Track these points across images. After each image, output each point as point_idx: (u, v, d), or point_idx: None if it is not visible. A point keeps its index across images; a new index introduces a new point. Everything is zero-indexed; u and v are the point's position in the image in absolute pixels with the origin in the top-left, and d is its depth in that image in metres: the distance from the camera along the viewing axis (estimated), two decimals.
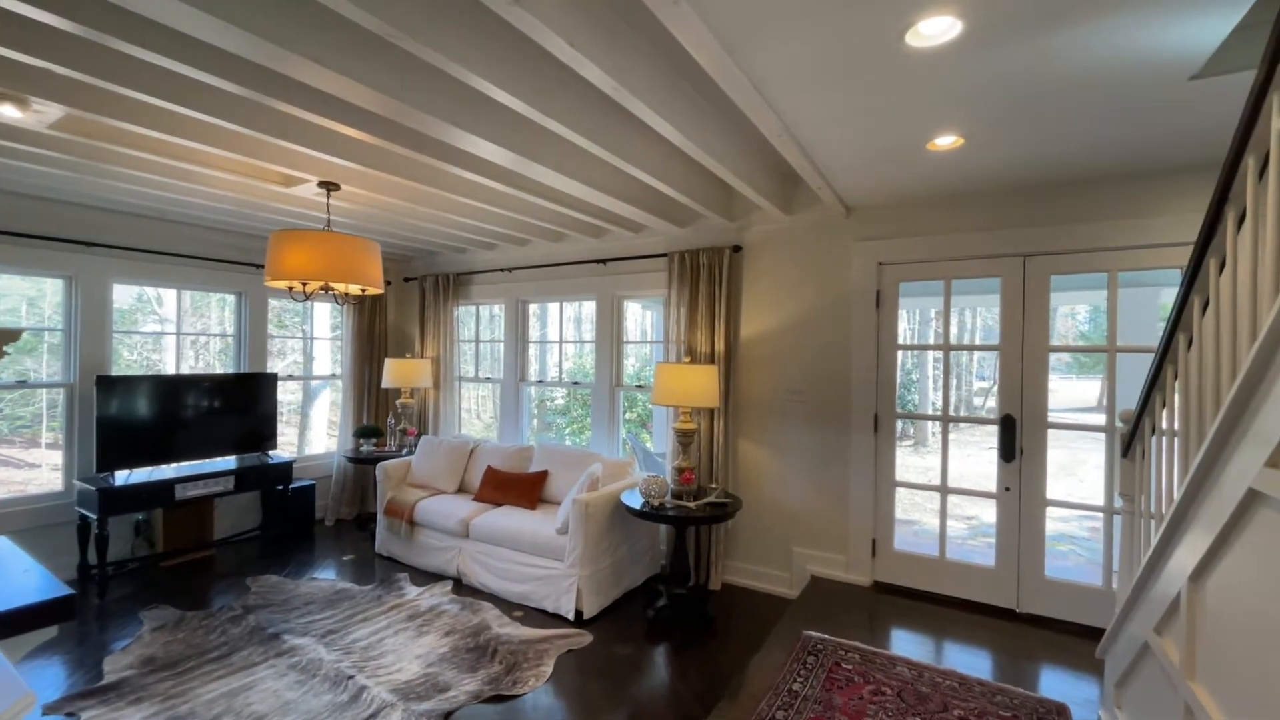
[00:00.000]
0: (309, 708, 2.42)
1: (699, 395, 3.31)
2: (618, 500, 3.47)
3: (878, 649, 2.69)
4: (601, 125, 2.44)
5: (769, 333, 3.76)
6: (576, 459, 4.02)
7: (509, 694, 2.57)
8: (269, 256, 2.90)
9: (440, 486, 4.30)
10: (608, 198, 3.16)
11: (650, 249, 4.21)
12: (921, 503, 7.15)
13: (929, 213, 3.32)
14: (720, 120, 2.63)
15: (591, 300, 4.59)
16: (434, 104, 2.13)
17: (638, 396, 6.95)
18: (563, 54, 1.75)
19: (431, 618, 3.25)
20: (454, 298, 5.17)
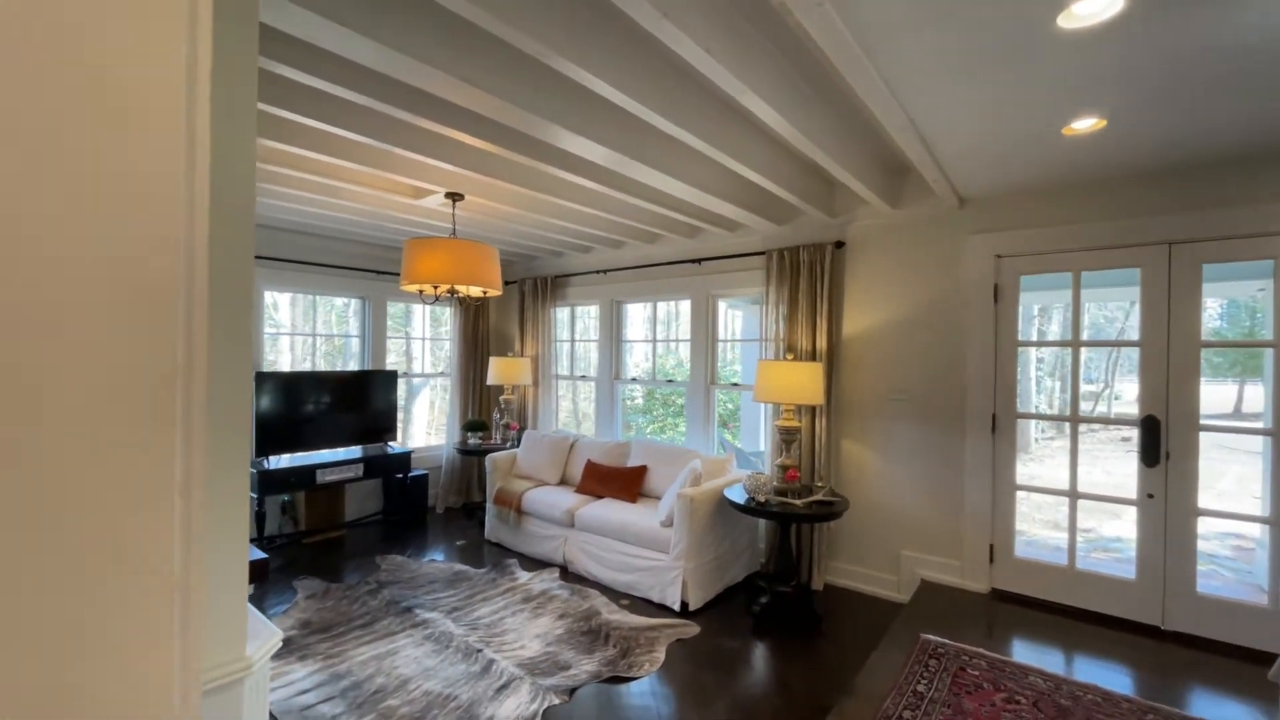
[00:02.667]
0: (447, 675, 2.64)
1: (803, 392, 3.29)
2: (721, 495, 3.51)
3: (1004, 657, 2.58)
4: (710, 122, 2.49)
5: (873, 330, 3.68)
6: (674, 455, 4.10)
7: (626, 676, 2.68)
8: (405, 262, 3.18)
9: (544, 478, 4.52)
10: (708, 196, 3.21)
11: (747, 247, 4.23)
12: (1028, 513, 6.69)
13: (1055, 201, 3.14)
14: (833, 117, 2.63)
15: (683, 300, 4.67)
16: (550, 108, 2.25)
17: (717, 394, 6.96)
18: (700, 62, 1.83)
19: (544, 601, 3.44)
20: (551, 299, 5.41)
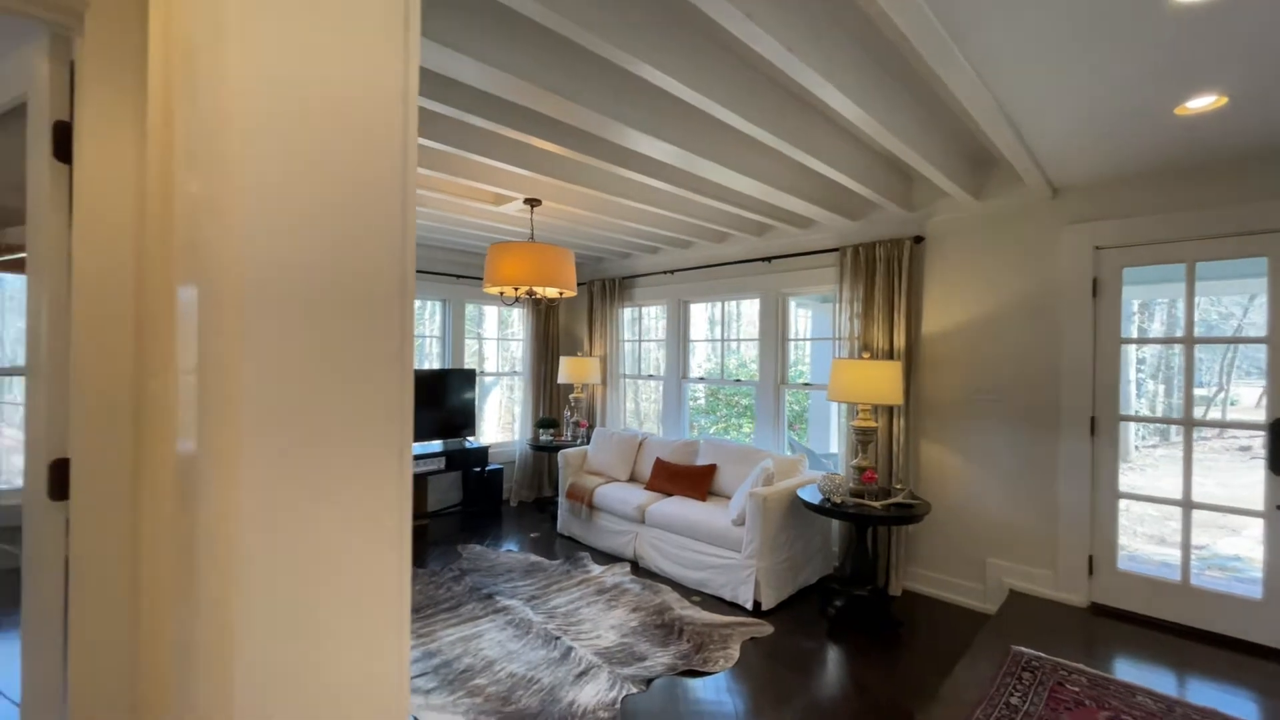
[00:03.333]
0: (529, 659, 2.76)
1: (880, 392, 3.21)
2: (793, 496, 3.48)
3: (1106, 674, 2.42)
4: (782, 117, 2.47)
5: (956, 327, 3.53)
6: (744, 455, 4.09)
7: (700, 670, 2.71)
8: (489, 266, 3.35)
9: (614, 475, 4.62)
10: (779, 193, 3.19)
11: (819, 244, 4.16)
12: (1128, 525, 6.17)
13: (1165, 187, 2.91)
14: (913, 107, 2.55)
15: (750, 299, 4.64)
16: (626, 111, 2.31)
17: (786, 395, 6.84)
18: (779, 58, 1.84)
19: (617, 594, 3.52)
20: (619, 300, 5.52)
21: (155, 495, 0.79)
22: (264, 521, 0.42)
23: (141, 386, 1.10)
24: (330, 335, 0.46)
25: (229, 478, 0.42)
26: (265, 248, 0.43)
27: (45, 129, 1.14)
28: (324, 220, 0.46)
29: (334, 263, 0.46)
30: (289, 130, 0.44)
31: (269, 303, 0.43)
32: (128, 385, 1.13)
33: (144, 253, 0.99)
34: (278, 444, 0.44)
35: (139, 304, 1.12)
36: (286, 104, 0.44)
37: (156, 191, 0.77)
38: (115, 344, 1.13)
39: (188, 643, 0.46)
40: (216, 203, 0.42)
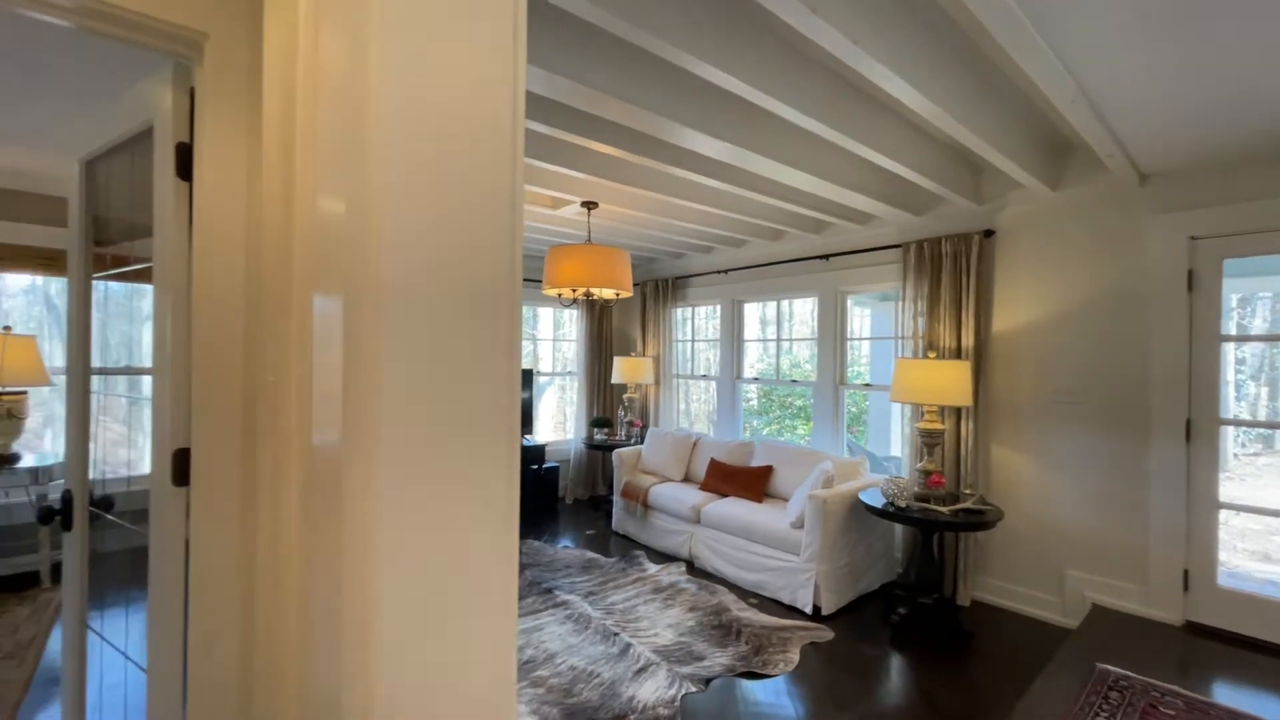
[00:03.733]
0: (589, 653, 2.81)
1: (947, 393, 3.09)
2: (855, 499, 3.39)
3: (1206, 698, 2.24)
4: (843, 110, 2.41)
5: (1030, 325, 3.35)
6: (801, 456, 4.02)
7: (760, 673, 2.68)
8: (548, 268, 3.44)
9: (668, 474, 4.64)
10: (838, 188, 3.11)
11: (880, 240, 4.04)
12: (1227, 540, 5.68)
13: (1270, 170, 2.66)
14: (984, 95, 2.45)
15: (807, 298, 4.56)
16: (683, 111, 2.30)
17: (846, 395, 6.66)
18: (844, 52, 1.81)
19: (673, 593, 3.53)
20: (672, 300, 5.53)
21: (276, 481, 0.86)
22: (397, 502, 0.46)
23: (251, 383, 1.20)
24: (451, 333, 0.50)
25: (368, 464, 0.46)
26: (400, 256, 0.47)
27: (169, 150, 1.26)
28: (446, 228, 0.50)
29: (454, 267, 0.50)
30: (419, 147, 0.48)
31: (402, 306, 0.47)
32: (239, 382, 1.23)
33: (258, 261, 1.08)
34: (408, 434, 0.48)
35: (248, 308, 1.22)
36: (418, 124, 0.48)
37: (276, 205, 0.84)
38: (227, 345, 1.23)
39: (333, 616, 0.51)
40: (359, 219, 0.47)
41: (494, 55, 0.49)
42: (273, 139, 0.92)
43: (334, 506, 0.52)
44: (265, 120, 0.96)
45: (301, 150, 0.70)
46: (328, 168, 0.54)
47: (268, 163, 0.96)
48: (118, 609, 1.67)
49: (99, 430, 1.70)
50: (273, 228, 0.90)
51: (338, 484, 0.50)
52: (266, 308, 0.97)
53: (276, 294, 0.85)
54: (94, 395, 1.69)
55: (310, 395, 0.63)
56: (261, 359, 1.08)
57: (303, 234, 0.70)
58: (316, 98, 0.61)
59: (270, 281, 0.92)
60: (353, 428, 0.47)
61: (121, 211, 1.60)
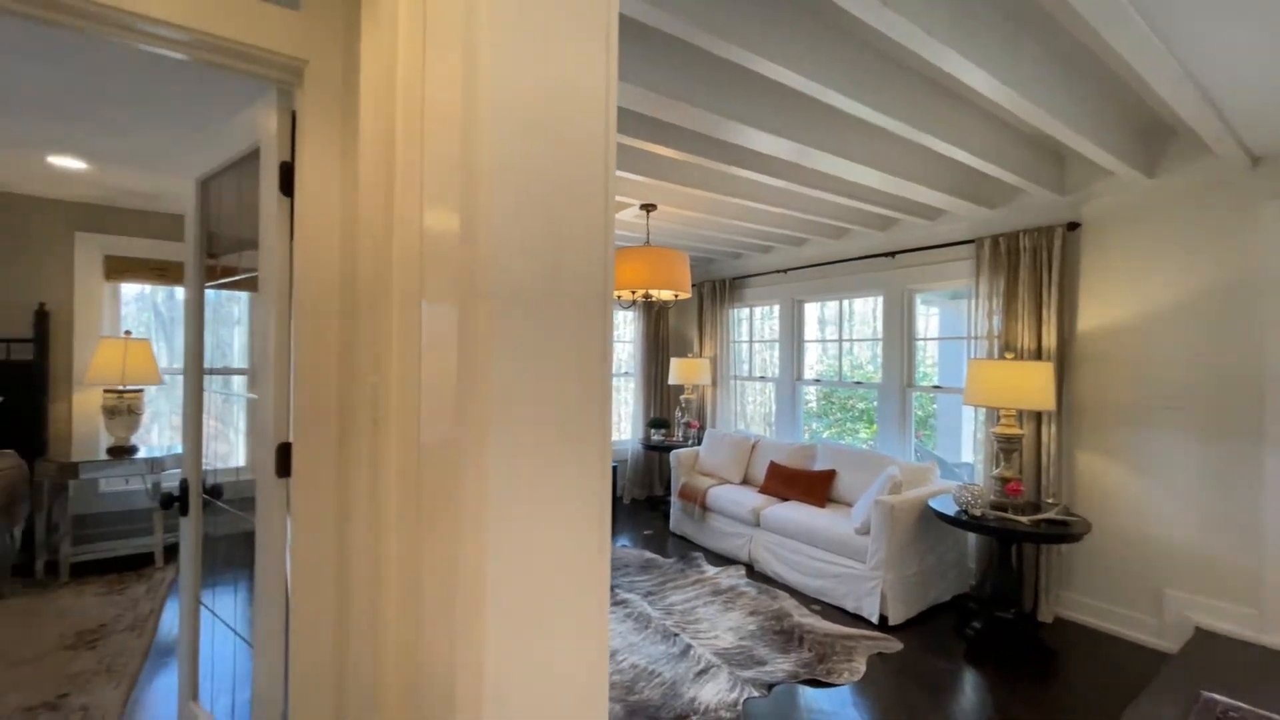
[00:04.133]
0: (649, 652, 2.83)
1: (1027, 396, 2.91)
2: (925, 505, 3.26)
3: None
4: (911, 102, 2.32)
5: (1122, 323, 3.12)
6: (866, 460, 3.90)
7: (824, 681, 2.62)
8: None
9: (726, 476, 4.61)
10: (905, 183, 3.00)
11: (951, 236, 3.87)
12: None
13: None
14: (1070, 79, 2.30)
15: (872, 297, 4.41)
16: (744, 110, 2.28)
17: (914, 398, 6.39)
18: (916, 42, 1.75)
19: (733, 596, 3.50)
20: (730, 301, 5.49)
21: (374, 473, 0.93)
22: (506, 501, 0.49)
23: (345, 383, 1.30)
24: (552, 340, 0.52)
25: (481, 465, 0.49)
26: (508, 268, 0.50)
27: (274, 169, 1.38)
28: (548, 238, 0.53)
29: (554, 276, 0.53)
30: (525, 162, 0.51)
31: (510, 315, 0.50)
32: (334, 381, 1.33)
33: (353, 269, 1.16)
34: (516, 436, 0.51)
35: (343, 313, 1.31)
36: (523, 139, 0.51)
37: (375, 218, 0.90)
38: (324, 347, 1.33)
39: (446, 606, 0.55)
40: (469, 232, 0.50)
41: (590, 67, 0.51)
42: (369, 157, 0.99)
43: (447, 504, 0.55)
44: (362, 140, 1.04)
45: (401, 167, 0.76)
46: (435, 184, 0.58)
47: (364, 178, 1.03)
48: (224, 587, 1.83)
49: (206, 425, 1.87)
50: (370, 239, 0.97)
51: (452, 483, 0.53)
52: (362, 313, 1.05)
53: (375, 300, 0.92)
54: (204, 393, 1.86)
55: (411, 395, 0.68)
56: (355, 361, 1.17)
57: (404, 245, 0.75)
58: (421, 117, 0.65)
59: (367, 288, 0.99)
60: (468, 429, 0.50)
61: (229, 226, 1.76)
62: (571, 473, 0.54)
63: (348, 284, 1.28)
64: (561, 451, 0.53)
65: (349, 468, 1.25)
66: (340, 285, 1.32)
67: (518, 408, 0.51)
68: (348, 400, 1.28)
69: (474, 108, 0.48)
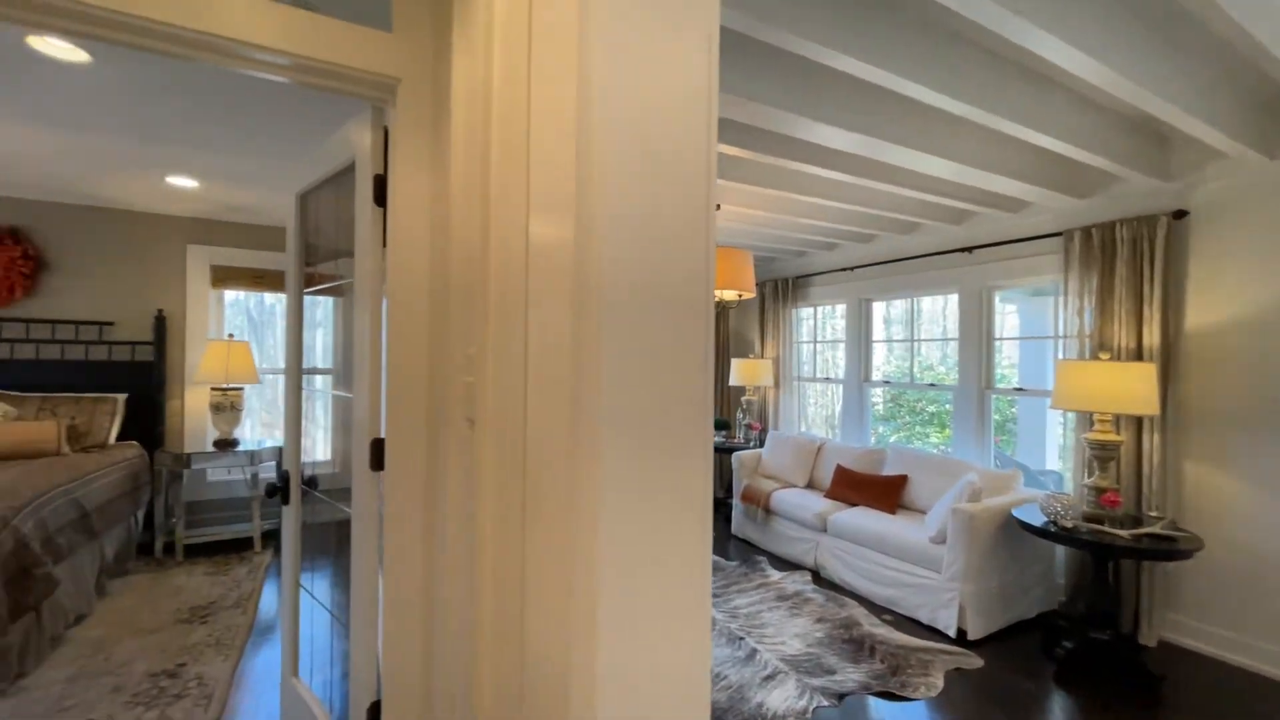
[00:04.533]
0: (715, 654, 2.82)
1: (1126, 399, 2.69)
2: (1007, 515, 3.08)
3: None
4: (993, 87, 2.19)
5: (1240, 320, 2.83)
6: (940, 466, 3.73)
7: (898, 694, 2.52)
8: None
9: (790, 480, 4.51)
10: (983, 173, 2.84)
11: (1035, 229, 3.63)
12: None
13: None
14: (1173, 52, 2.11)
15: (945, 294, 4.20)
16: (797, 102, 2.21)
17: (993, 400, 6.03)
18: (1003, 25, 1.66)
19: (799, 602, 3.43)
20: (793, 300, 5.37)
21: (470, 468, 0.97)
22: (618, 501, 0.51)
23: (436, 383, 1.37)
24: (658, 341, 0.54)
25: (594, 460, 0.51)
26: (618, 275, 0.52)
27: (368, 182, 1.48)
28: (655, 242, 0.55)
29: (661, 282, 0.54)
30: (633, 170, 0.53)
31: (620, 319, 0.51)
32: (424, 381, 1.40)
33: (443, 274, 1.22)
34: (626, 438, 0.53)
35: (432, 316, 1.39)
36: (632, 149, 0.53)
37: (470, 226, 0.95)
38: (414, 348, 1.41)
39: (560, 598, 0.57)
40: (584, 242, 0.52)
41: (694, 75, 0.53)
42: (460, 168, 1.04)
43: (557, 503, 0.58)
44: (454, 152, 1.09)
45: (499, 177, 0.80)
46: (543, 195, 0.61)
47: (456, 189, 1.09)
48: (320, 570, 1.97)
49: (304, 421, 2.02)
50: (462, 246, 1.02)
51: (563, 483, 0.56)
52: (453, 316, 1.10)
53: (470, 304, 0.97)
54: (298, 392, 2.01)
55: (512, 396, 0.72)
56: (446, 362, 1.23)
57: (505, 253, 0.78)
58: (527, 130, 0.68)
59: (460, 293, 1.04)
60: (582, 431, 0.53)
61: (325, 237, 1.89)
62: (677, 473, 0.55)
63: (437, 289, 1.36)
64: (668, 452, 0.55)
65: (438, 463, 1.32)
66: (430, 290, 1.39)
67: (629, 409, 0.53)
68: (436, 399, 1.36)
69: (588, 121, 0.50)
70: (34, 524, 2.47)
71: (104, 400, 3.78)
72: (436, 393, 1.35)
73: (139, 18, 1.16)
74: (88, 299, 4.00)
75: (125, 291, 4.09)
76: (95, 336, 3.98)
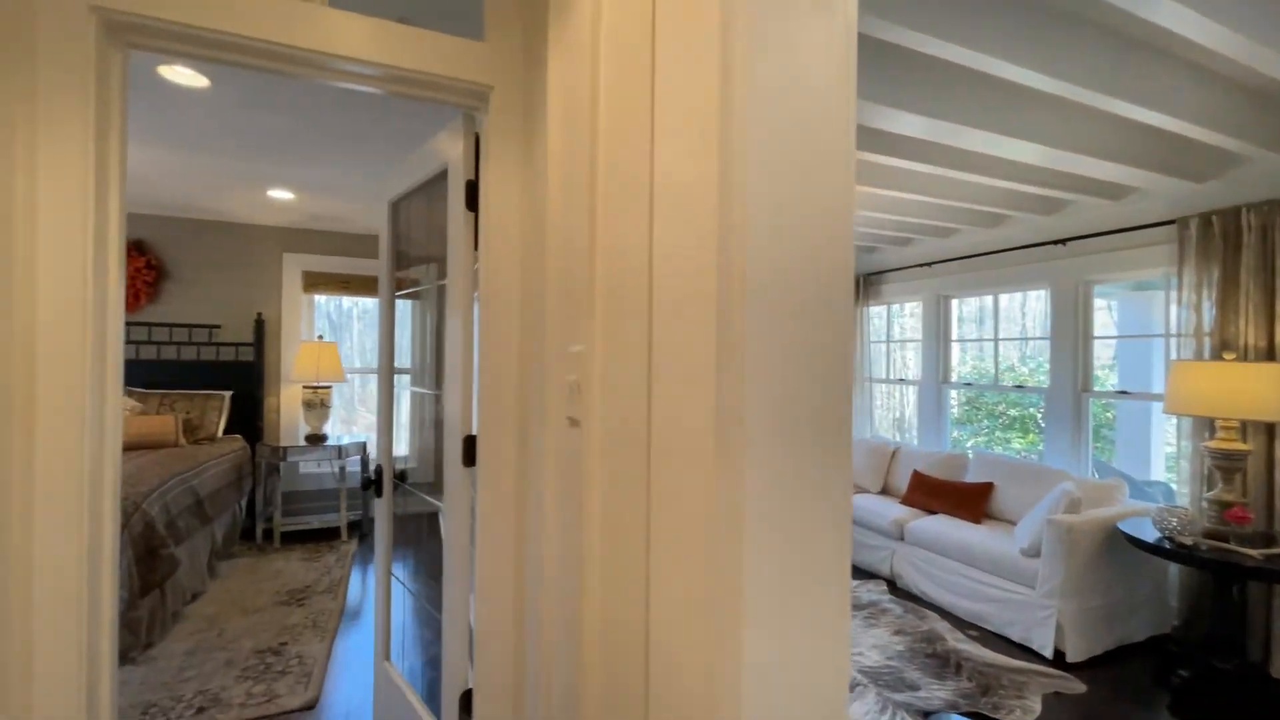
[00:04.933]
0: None
1: (1257, 404, 2.42)
2: (1113, 529, 2.84)
3: None
4: (1086, 58, 2.01)
5: None
6: (1030, 474, 3.49)
7: (990, 716, 2.37)
8: None
9: (863, 485, 4.35)
10: (1080, 158, 2.62)
11: (1143, 217, 3.33)
12: None
13: None
14: None
15: (1033, 290, 3.93)
16: (872, 89, 2.10)
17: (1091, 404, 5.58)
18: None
19: (876, 613, 3.30)
20: (864, 299, 5.18)
21: (575, 471, 0.99)
22: (760, 498, 0.50)
23: (526, 381, 1.40)
24: (801, 343, 0.52)
25: (738, 463, 0.50)
26: (763, 275, 0.51)
27: (460, 187, 1.53)
28: (798, 237, 0.53)
29: (803, 278, 0.53)
30: (778, 164, 0.52)
31: (764, 319, 0.51)
32: (515, 378, 1.44)
33: (539, 275, 1.25)
34: (770, 442, 0.52)
35: (522, 315, 1.42)
36: (777, 143, 0.52)
37: (574, 229, 0.97)
38: (505, 348, 1.45)
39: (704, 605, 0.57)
40: (727, 246, 0.52)
41: (835, 57, 0.51)
42: (557, 171, 1.06)
43: (692, 506, 0.57)
44: (550, 157, 1.12)
45: (605, 179, 0.81)
46: (672, 201, 0.61)
47: (553, 191, 1.11)
48: (406, 558, 2.07)
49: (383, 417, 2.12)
50: (561, 247, 1.04)
51: (700, 486, 0.55)
52: (551, 314, 1.12)
53: (572, 303, 0.98)
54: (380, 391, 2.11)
55: (629, 395, 0.72)
56: (540, 360, 1.26)
57: (618, 257, 0.79)
58: (650, 134, 0.68)
59: (560, 292, 1.06)
60: (726, 433, 0.52)
61: (416, 245, 1.98)
62: (822, 474, 0.53)
63: (530, 289, 1.39)
64: (812, 453, 0.53)
65: (529, 460, 1.35)
66: (521, 290, 1.43)
67: (775, 410, 0.51)
68: (527, 397, 1.39)
69: (731, 117, 0.49)
70: (159, 508, 2.72)
71: (213, 397, 4.13)
72: (528, 390, 1.38)
73: (255, 40, 1.25)
74: (198, 304, 4.38)
75: (230, 297, 4.45)
76: (205, 339, 4.36)
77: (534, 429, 1.30)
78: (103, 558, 1.18)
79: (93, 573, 1.15)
